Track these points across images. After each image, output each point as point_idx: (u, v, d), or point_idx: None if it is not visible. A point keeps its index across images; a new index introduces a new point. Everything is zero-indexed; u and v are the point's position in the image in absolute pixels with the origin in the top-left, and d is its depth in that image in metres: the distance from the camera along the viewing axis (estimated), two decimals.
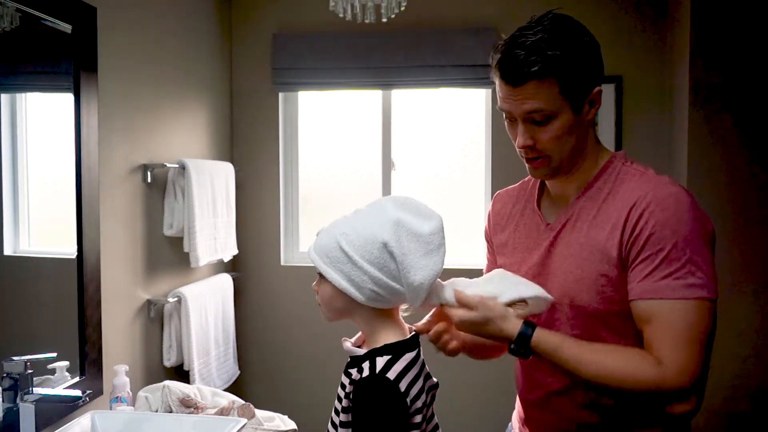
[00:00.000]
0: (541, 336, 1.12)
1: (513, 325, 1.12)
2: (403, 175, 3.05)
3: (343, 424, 1.12)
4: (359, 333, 1.21)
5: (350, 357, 1.16)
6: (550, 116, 1.14)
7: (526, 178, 1.38)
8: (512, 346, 1.13)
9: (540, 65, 1.11)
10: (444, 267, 1.13)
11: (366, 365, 1.10)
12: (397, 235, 1.09)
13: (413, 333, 1.19)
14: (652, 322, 1.09)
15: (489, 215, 1.42)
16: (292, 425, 2.00)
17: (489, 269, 1.40)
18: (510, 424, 1.44)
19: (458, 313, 1.15)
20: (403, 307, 1.20)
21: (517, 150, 1.22)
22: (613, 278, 1.14)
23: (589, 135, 1.23)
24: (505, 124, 1.23)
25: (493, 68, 1.18)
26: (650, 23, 2.76)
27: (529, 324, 1.13)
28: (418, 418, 1.11)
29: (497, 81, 1.18)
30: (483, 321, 1.13)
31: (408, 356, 1.12)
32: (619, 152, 1.26)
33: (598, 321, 1.17)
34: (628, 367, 1.09)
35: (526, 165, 1.24)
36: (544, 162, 1.19)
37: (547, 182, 1.30)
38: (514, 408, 1.43)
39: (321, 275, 1.16)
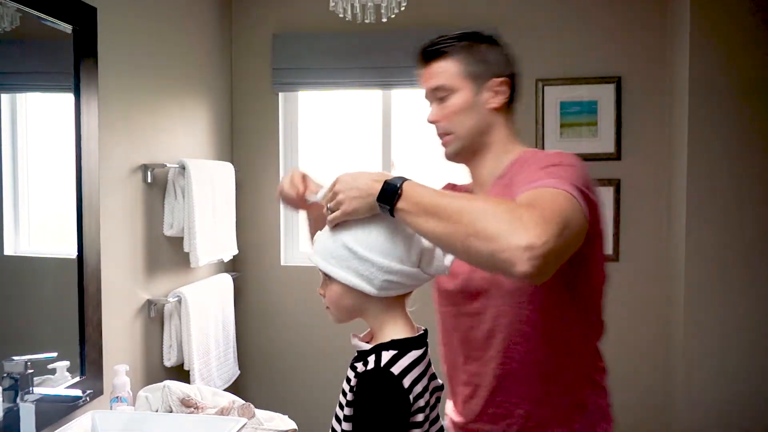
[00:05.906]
0: (415, 182, 1.08)
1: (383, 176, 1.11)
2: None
3: (347, 418, 1.12)
4: (367, 330, 1.21)
5: (357, 351, 1.17)
6: (450, 93, 1.27)
7: None
8: (385, 187, 1.07)
9: (443, 46, 1.28)
10: None
11: (371, 359, 1.10)
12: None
13: (421, 331, 1.19)
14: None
15: None
16: (292, 425, 2.00)
17: None
18: None
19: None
20: (408, 302, 1.20)
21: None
22: None
23: (501, 125, 1.30)
24: None
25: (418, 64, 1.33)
26: (650, 23, 2.76)
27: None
28: (420, 417, 1.11)
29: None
30: (352, 176, 1.15)
31: (414, 353, 1.12)
32: (534, 148, 1.35)
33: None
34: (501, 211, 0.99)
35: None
36: (449, 140, 1.30)
37: (470, 172, 1.38)
38: None
39: (326, 277, 1.17)
